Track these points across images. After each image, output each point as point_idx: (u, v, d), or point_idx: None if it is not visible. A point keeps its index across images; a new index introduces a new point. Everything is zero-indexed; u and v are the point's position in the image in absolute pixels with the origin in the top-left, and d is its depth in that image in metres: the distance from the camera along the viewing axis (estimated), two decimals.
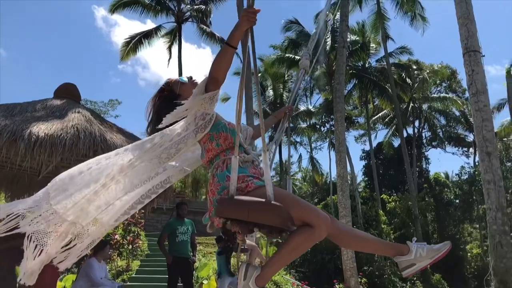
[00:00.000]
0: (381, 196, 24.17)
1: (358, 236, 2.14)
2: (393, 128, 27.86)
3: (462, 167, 31.59)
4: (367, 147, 28.87)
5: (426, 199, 28.44)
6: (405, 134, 29.89)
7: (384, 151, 28.74)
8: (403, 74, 25.08)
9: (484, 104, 7.83)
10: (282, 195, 1.87)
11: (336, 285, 12.97)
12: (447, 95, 26.26)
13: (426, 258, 2.09)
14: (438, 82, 28.00)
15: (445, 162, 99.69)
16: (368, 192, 25.38)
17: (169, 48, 23.09)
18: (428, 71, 25.48)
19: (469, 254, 25.45)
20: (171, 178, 2.29)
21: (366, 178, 30.49)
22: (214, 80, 2.00)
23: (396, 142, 28.84)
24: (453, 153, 31.03)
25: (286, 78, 26.24)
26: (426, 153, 31.73)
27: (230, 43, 1.92)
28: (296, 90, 3.00)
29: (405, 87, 25.12)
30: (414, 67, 25.87)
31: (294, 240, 1.85)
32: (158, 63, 63.03)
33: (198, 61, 58.13)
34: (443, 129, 29.24)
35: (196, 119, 2.09)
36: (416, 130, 30.28)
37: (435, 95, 27.37)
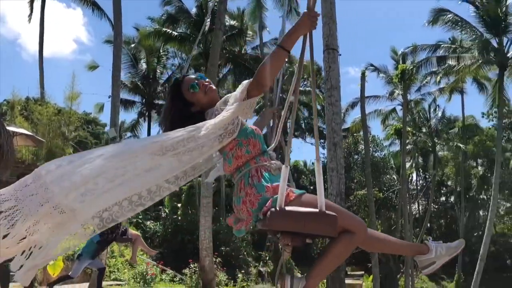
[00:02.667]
0: None
1: (381, 239, 2.16)
2: None
3: None
4: None
5: None
6: (271, 123, 31.49)
7: None
8: None
9: (336, 99, 8.53)
10: (326, 204, 1.84)
11: (191, 265, 13.09)
12: (311, 89, 28.31)
13: (445, 255, 2.16)
14: (305, 76, 29.99)
15: (305, 152, 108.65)
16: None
17: (31, 2, 20.46)
18: (296, 64, 27.10)
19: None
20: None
21: None
22: (261, 85, 1.90)
23: (265, 129, 30.20)
24: (311, 144, 33.76)
25: (161, 53, 25.37)
26: None
27: (285, 47, 1.84)
28: (278, 92, 2.79)
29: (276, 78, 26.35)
30: (286, 59, 27.21)
31: (337, 247, 1.87)
32: (17, 17, 55.52)
33: (65, 21, 52.87)
34: (305, 121, 31.56)
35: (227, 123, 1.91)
36: None
37: (301, 89, 29.30)
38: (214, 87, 2.18)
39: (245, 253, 18.91)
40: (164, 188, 1.91)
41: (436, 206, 36.92)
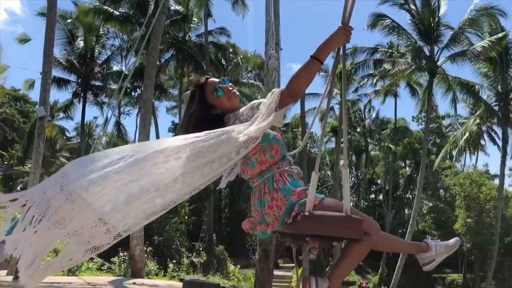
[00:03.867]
0: None
1: (389, 239, 2.29)
2: None
3: None
4: (177, 119, 29.16)
5: None
6: None
7: None
8: (219, 55, 26.00)
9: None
10: (342, 206, 1.96)
11: (120, 253, 12.71)
12: (255, 82, 28.42)
13: (444, 253, 2.31)
14: (249, 68, 30.08)
15: None
16: None
17: None
18: (242, 56, 27.10)
19: None
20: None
21: None
22: (294, 94, 1.95)
23: None
24: None
25: (101, 32, 24.19)
26: None
27: (318, 58, 1.89)
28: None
29: (220, 67, 26.13)
30: (231, 50, 27.11)
31: (357, 248, 1.97)
32: None
33: None
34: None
35: None
36: None
37: (245, 81, 29.36)
38: (237, 93, 2.20)
39: (178, 243, 18.69)
40: (185, 196, 1.97)
41: (366, 203, 38.78)
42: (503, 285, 29.87)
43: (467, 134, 19.96)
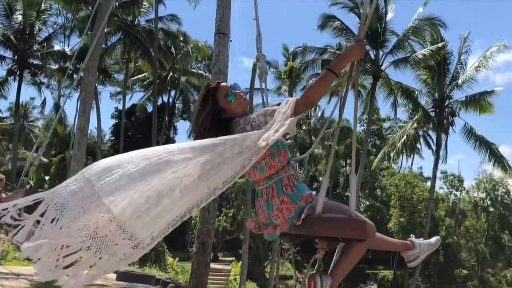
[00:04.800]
0: None
1: (380, 238, 2.35)
2: (149, 92, 28.03)
3: None
4: (121, 106, 28.17)
5: None
6: (160, 101, 30.53)
7: (137, 114, 28.65)
8: (169, 42, 25.41)
9: None
10: (345, 209, 2.12)
11: None
12: (204, 73, 28.11)
13: (427, 250, 2.49)
14: (199, 59, 29.68)
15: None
16: (111, 152, 24.80)
17: None
18: (192, 45, 26.65)
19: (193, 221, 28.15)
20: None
21: (113, 138, 29.80)
22: (310, 103, 2.05)
23: (151, 107, 29.17)
24: None
25: (42, 8, 22.77)
26: (176, 124, 33.38)
27: (334, 71, 1.99)
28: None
29: (169, 55, 25.56)
30: (181, 38, 26.58)
31: (357, 248, 2.11)
32: None
33: None
34: (195, 104, 31.31)
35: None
36: (171, 100, 31.35)
37: (194, 70, 28.96)
38: (248, 99, 2.28)
39: None
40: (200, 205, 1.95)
41: None
42: (429, 281, 31.87)
43: (405, 137, 20.92)
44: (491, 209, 46.48)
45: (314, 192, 2.21)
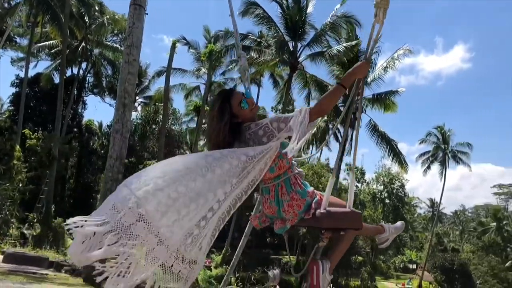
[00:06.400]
0: (24, 131, 21.97)
1: (364, 225, 2.63)
2: (58, 62, 25.90)
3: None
4: (23, 74, 25.66)
5: (73, 143, 28.05)
6: (69, 73, 28.42)
7: (41, 84, 26.33)
8: (83, 10, 23.65)
9: (134, 58, 8.08)
10: (343, 202, 2.47)
11: None
12: (120, 47, 26.63)
13: (394, 233, 2.94)
14: (116, 32, 28.04)
15: (101, 111, 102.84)
16: (9, 122, 22.61)
17: None
18: (108, 17, 25.03)
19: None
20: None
21: (12, 108, 27.14)
22: (323, 112, 2.28)
23: (58, 78, 26.98)
24: (110, 105, 31.84)
25: None
26: (85, 98, 31.29)
27: (344, 85, 2.26)
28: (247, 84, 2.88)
29: (81, 24, 23.79)
30: (97, 8, 24.88)
31: (350, 235, 2.47)
32: None
33: None
34: (108, 79, 29.58)
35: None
36: (81, 72, 29.34)
37: (109, 43, 27.31)
38: (258, 106, 2.44)
39: (7, 212, 16.68)
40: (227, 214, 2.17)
41: None
42: None
43: (315, 129, 21.83)
44: (387, 201, 50.88)
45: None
